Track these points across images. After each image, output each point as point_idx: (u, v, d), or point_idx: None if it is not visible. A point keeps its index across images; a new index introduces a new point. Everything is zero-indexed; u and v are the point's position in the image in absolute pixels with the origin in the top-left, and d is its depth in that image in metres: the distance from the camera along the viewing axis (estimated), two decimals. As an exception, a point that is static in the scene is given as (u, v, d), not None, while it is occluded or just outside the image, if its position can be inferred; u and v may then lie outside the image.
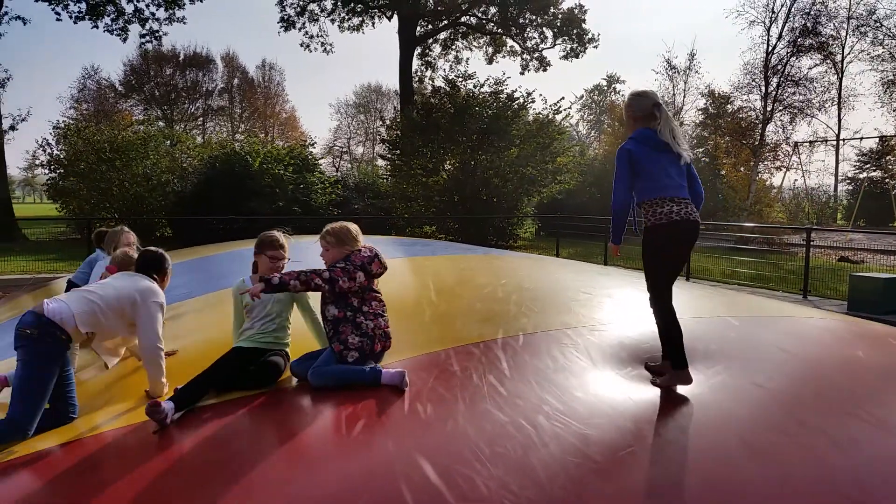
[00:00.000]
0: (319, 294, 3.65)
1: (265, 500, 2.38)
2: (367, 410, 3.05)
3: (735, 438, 2.89)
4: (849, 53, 36.48)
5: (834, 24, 33.38)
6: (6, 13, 24.23)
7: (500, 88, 21.19)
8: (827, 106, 34.55)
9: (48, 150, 23.17)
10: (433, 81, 34.74)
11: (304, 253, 4.30)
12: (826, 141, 36.43)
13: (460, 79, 21.96)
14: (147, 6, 26.99)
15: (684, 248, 3.62)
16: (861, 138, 35.87)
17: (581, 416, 2.98)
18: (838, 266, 15.26)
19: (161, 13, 27.37)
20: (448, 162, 21.47)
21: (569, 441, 2.76)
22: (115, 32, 27.02)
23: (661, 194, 3.50)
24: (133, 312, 3.53)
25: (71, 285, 5.57)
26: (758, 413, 3.19)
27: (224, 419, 3.06)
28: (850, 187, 36.79)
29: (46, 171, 23.51)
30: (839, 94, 36.72)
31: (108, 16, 26.55)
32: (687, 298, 5.57)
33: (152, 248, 4.03)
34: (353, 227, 3.78)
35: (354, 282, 3.52)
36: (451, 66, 36.14)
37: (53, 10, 25.40)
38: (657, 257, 3.53)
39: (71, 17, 25.91)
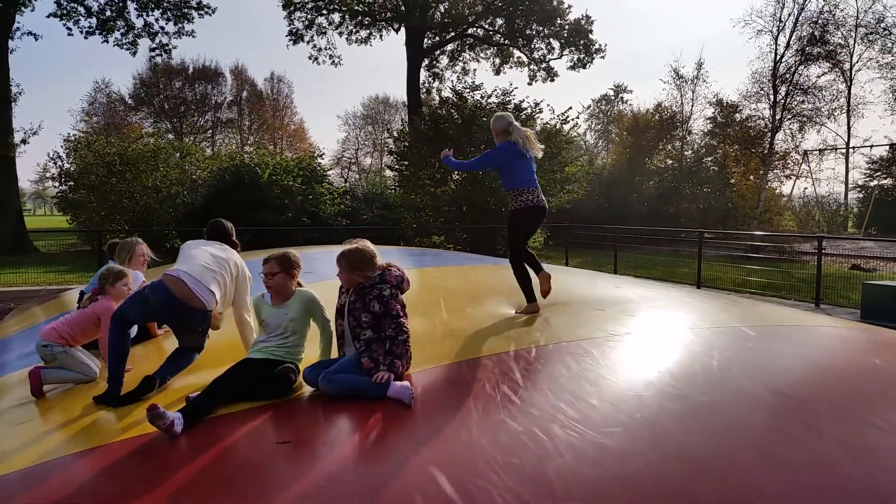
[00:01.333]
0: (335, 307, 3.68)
1: (279, 512, 2.35)
2: (380, 421, 3.04)
3: (751, 446, 2.85)
4: (857, 61, 36.36)
5: (842, 33, 33.24)
6: (18, 29, 24.51)
7: (507, 99, 21.25)
8: (836, 114, 34.35)
9: (59, 163, 23.38)
10: (441, 93, 34.86)
11: (313, 264, 4.30)
12: (836, 149, 36.25)
13: (468, 90, 22.04)
14: (156, 20, 27.31)
15: (537, 223, 5.29)
16: (871, 146, 35.73)
17: (596, 425, 2.95)
18: (850, 274, 15.16)
19: (170, 27, 27.69)
20: (456, 172, 21.50)
21: (584, 450, 2.73)
22: (125, 47, 27.32)
23: (521, 186, 5.12)
24: (233, 284, 4.07)
25: (83, 297, 5.58)
26: (773, 421, 3.14)
27: (236, 430, 3.05)
28: (861, 195, 36.53)
29: (57, 184, 23.70)
30: (848, 102, 36.58)
31: (119, 30, 26.87)
32: (701, 310, 5.53)
33: (220, 219, 4.56)
34: (368, 251, 3.70)
35: (400, 305, 3.63)
36: (458, 77, 36.28)
37: (65, 25, 25.74)
38: (519, 229, 5.24)
39: (82, 32, 26.25)
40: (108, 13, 26.27)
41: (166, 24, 27.51)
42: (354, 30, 33.89)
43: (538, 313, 4.94)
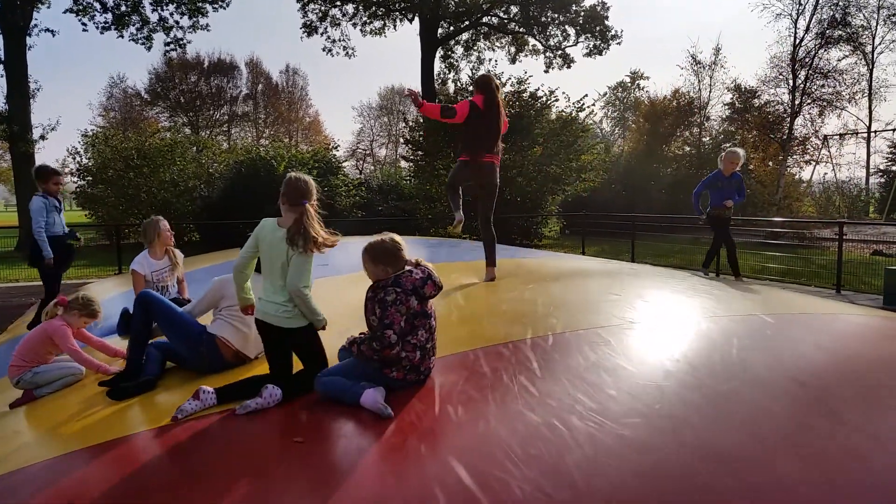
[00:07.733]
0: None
1: (297, 504, 2.35)
2: (398, 413, 3.02)
3: (775, 437, 2.80)
4: (879, 44, 35.72)
5: (864, 14, 32.73)
6: (35, 26, 24.66)
7: (522, 87, 21.10)
8: (857, 98, 33.85)
9: (77, 159, 23.58)
10: (456, 83, 34.70)
11: (328, 257, 4.28)
12: (857, 133, 35.65)
13: (483, 79, 21.90)
14: (171, 15, 27.32)
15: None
16: (893, 130, 35.09)
17: (615, 416, 2.92)
18: (872, 260, 14.94)
19: (185, 21, 27.67)
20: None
21: (604, 442, 2.70)
22: (139, 41, 27.36)
23: None
24: None
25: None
26: (797, 411, 3.09)
27: (254, 421, 3.05)
28: (883, 179, 35.90)
29: (76, 179, 23.92)
30: (870, 86, 36.00)
31: (133, 25, 26.91)
32: (719, 297, 5.46)
33: None
34: (392, 244, 3.44)
35: (401, 315, 3.27)
36: (473, 66, 36.10)
37: (80, 21, 25.84)
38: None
39: (97, 27, 26.34)
40: (122, 8, 26.36)
41: (181, 18, 27.56)
42: (368, 20, 33.79)
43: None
